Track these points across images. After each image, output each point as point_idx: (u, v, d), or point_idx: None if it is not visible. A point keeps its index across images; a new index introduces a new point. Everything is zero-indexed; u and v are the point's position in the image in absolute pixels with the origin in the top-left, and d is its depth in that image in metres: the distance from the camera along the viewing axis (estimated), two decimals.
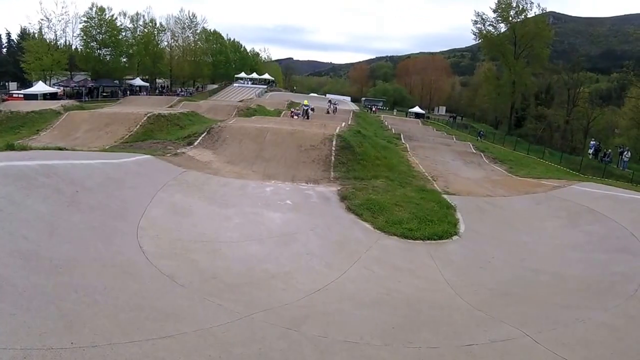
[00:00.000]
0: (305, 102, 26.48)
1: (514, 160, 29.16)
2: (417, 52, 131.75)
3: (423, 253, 10.52)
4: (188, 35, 79.87)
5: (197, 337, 5.51)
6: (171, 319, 5.85)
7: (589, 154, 41.36)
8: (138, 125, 22.78)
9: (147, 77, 74.00)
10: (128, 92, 61.40)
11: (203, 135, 19.68)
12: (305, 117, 32.22)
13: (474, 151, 31.23)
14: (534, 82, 66.94)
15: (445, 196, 15.35)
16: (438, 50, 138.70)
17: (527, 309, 7.87)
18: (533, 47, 64.12)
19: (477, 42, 75.71)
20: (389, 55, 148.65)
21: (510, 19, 65.94)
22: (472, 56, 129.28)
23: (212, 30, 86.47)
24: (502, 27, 67.82)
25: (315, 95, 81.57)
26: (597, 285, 8.90)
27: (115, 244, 8.11)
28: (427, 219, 12.48)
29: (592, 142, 44.10)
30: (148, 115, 24.05)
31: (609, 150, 39.54)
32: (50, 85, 52.99)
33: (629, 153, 36.46)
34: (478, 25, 68.88)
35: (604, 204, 13.74)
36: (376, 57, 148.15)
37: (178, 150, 17.62)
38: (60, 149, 14.92)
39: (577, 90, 59.14)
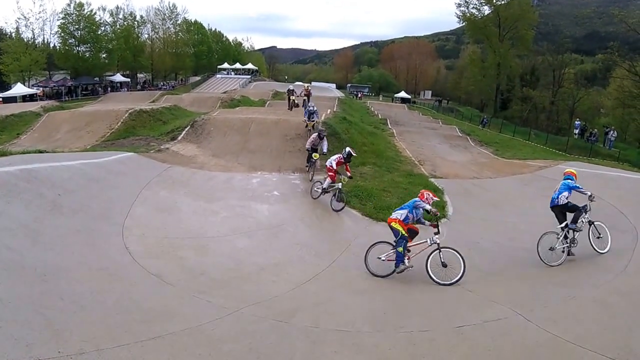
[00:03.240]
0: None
1: (500, 143, 29.26)
2: (402, 36, 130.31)
3: None
4: (169, 27, 78.29)
5: (187, 335, 5.47)
6: (160, 319, 5.80)
7: (575, 134, 41.63)
8: (120, 123, 22.25)
9: (127, 72, 72.68)
10: (109, 88, 60.05)
11: (186, 129, 19.37)
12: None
13: (460, 134, 31.27)
14: (519, 64, 66.88)
15: (432, 180, 15.36)
16: (422, 34, 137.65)
17: (518, 288, 7.93)
18: (517, 29, 64.13)
19: (461, 25, 75.57)
20: (374, 40, 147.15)
21: (494, 1, 65.82)
22: (456, 39, 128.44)
23: (193, 21, 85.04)
24: (486, 10, 67.72)
25: (300, 83, 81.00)
26: (587, 262, 8.94)
27: (100, 246, 7.99)
28: None
29: (577, 123, 44.35)
30: (130, 111, 23.51)
31: (595, 130, 39.83)
32: (29, 87, 51.88)
33: (615, 132, 36.78)
34: (462, 8, 68.75)
35: (591, 182, 13.68)
36: (361, 43, 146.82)
37: (161, 146, 17.35)
38: (40, 151, 14.62)
39: (562, 72, 59.37)
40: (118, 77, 67.08)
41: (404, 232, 8.41)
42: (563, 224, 9.20)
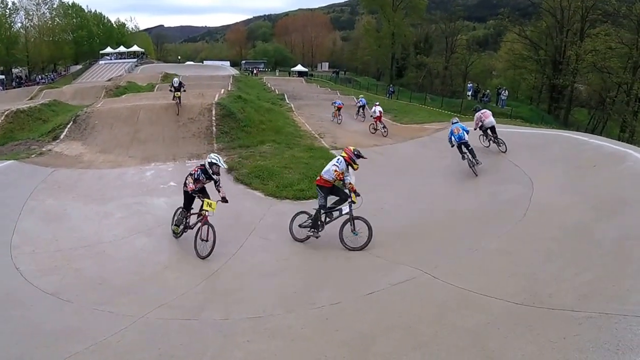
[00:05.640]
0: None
1: (398, 109, 30.28)
2: (296, 9, 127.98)
3: None
4: (44, 12, 71.47)
5: (91, 353, 5.24)
6: (62, 341, 5.52)
7: (468, 95, 44.56)
8: None
9: (1, 68, 65.57)
10: None
11: (69, 126, 17.86)
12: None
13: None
14: (413, 33, 69.16)
15: (333, 152, 15.53)
16: (317, 6, 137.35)
17: (424, 247, 8.22)
18: None
19: None
20: (267, 14, 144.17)
21: None
22: (351, 10, 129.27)
23: (70, 4, 78.22)
24: None
25: (192, 63, 78.33)
26: (487, 215, 9.45)
27: None
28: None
29: (469, 85, 47.63)
30: (5, 113, 20.89)
31: (487, 90, 42.96)
32: None
33: (506, 92, 40.01)
34: None
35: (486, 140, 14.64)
36: (253, 17, 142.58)
37: (44, 148, 15.98)
38: None
39: (454, 38, 62.85)
40: None
41: None
42: None
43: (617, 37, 40.69)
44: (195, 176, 8.75)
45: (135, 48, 78.54)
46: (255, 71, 67.28)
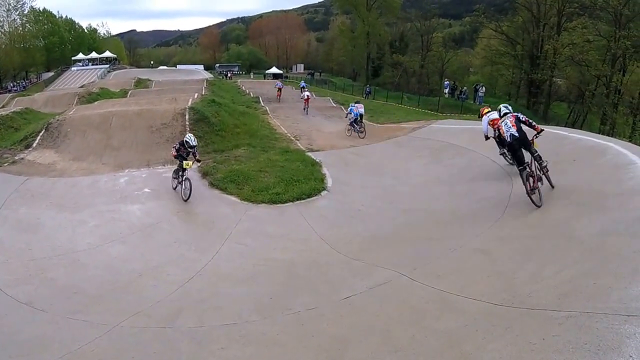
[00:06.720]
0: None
1: (374, 109, 30.33)
2: (269, 10, 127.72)
3: (294, 215, 10.61)
4: (15, 19, 69.95)
5: None
6: (36, 350, 5.49)
7: (445, 93, 44.82)
8: None
9: None
10: None
11: (41, 134, 17.48)
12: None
13: (334, 105, 32.01)
14: (388, 32, 69.41)
15: (309, 154, 15.56)
16: (290, 8, 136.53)
17: (401, 249, 8.22)
18: None
19: None
20: (240, 16, 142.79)
21: None
22: (325, 11, 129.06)
23: (41, 10, 76.56)
24: None
25: (165, 67, 77.53)
26: (465, 214, 9.42)
27: None
28: (294, 179, 12.56)
29: (446, 82, 47.89)
30: None
31: (465, 87, 43.30)
32: None
33: (484, 88, 40.32)
34: None
35: (464, 137, 14.68)
36: (227, 20, 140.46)
37: (16, 157, 15.65)
38: None
39: (430, 36, 63.15)
40: None
41: None
42: None
43: (594, 30, 40.99)
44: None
45: (107, 54, 77.35)
46: (229, 74, 66.91)
